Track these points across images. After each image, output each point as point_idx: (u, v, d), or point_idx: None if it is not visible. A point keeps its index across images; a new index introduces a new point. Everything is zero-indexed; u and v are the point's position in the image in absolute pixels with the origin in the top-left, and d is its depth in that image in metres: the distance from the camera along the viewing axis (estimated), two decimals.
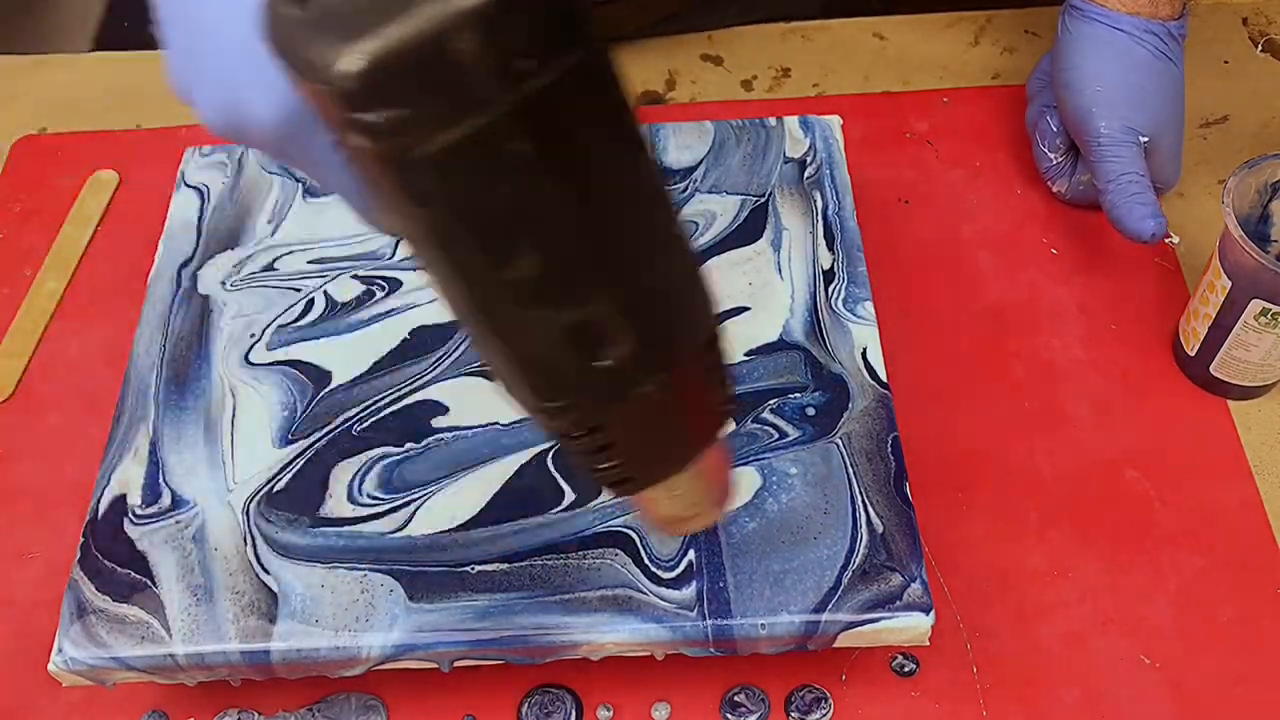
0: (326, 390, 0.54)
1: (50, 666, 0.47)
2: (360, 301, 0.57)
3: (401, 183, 0.26)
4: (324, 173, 0.34)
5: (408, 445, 0.52)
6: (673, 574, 0.47)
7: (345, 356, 0.55)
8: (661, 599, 0.47)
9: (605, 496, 0.49)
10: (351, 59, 0.24)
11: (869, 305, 0.56)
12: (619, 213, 0.29)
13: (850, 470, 0.50)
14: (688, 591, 0.47)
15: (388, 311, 0.56)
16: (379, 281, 0.57)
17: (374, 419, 0.53)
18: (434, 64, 0.24)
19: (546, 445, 0.51)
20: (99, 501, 0.50)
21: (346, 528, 0.49)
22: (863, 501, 0.49)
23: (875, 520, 0.49)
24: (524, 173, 0.26)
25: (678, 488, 0.38)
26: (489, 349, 0.31)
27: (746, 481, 0.50)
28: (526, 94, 0.25)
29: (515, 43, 0.25)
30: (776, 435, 0.51)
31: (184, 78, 0.35)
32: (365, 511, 0.50)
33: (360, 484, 0.51)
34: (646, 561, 0.48)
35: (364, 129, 0.25)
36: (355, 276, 0.58)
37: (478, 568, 0.48)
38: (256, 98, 0.32)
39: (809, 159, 0.61)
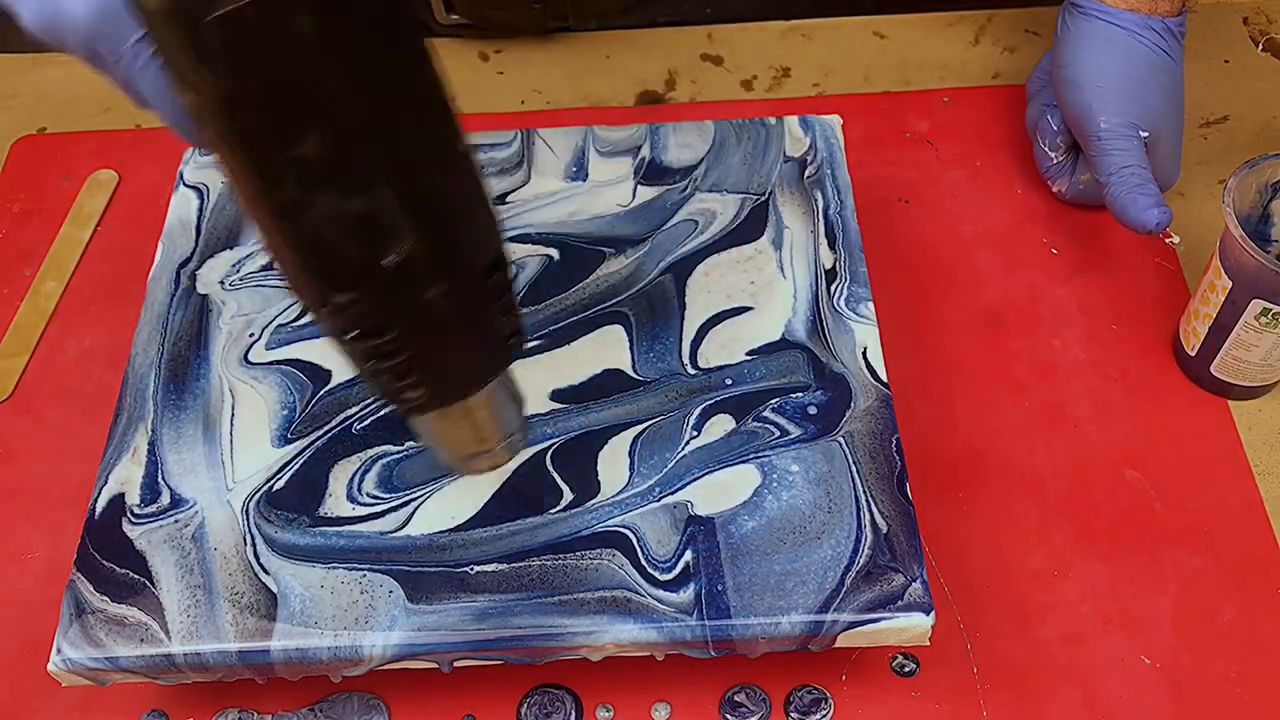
0: (326, 389, 0.54)
1: (49, 667, 0.47)
2: None
3: (192, 47, 0.28)
4: (135, 75, 0.37)
5: (407, 444, 0.52)
6: (670, 575, 0.47)
7: None
8: (660, 601, 0.47)
9: (602, 496, 0.49)
10: None
11: (870, 305, 0.55)
12: (398, 109, 0.31)
13: (853, 469, 0.50)
14: (685, 594, 0.47)
15: None
16: None
17: (373, 417, 0.53)
18: None
19: (545, 444, 0.51)
20: (97, 501, 0.50)
21: (346, 527, 0.49)
22: (867, 501, 0.49)
23: (879, 520, 0.49)
24: (308, 49, 0.29)
25: (466, 416, 0.40)
26: (277, 238, 0.33)
27: (746, 479, 0.50)
28: None
29: None
30: (778, 433, 0.51)
31: None
32: (364, 511, 0.50)
33: (359, 483, 0.51)
34: (644, 562, 0.48)
35: None
36: None
37: (476, 569, 0.48)
38: None
39: (809, 158, 0.61)
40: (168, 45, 0.29)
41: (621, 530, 0.49)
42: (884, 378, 0.53)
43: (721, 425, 0.52)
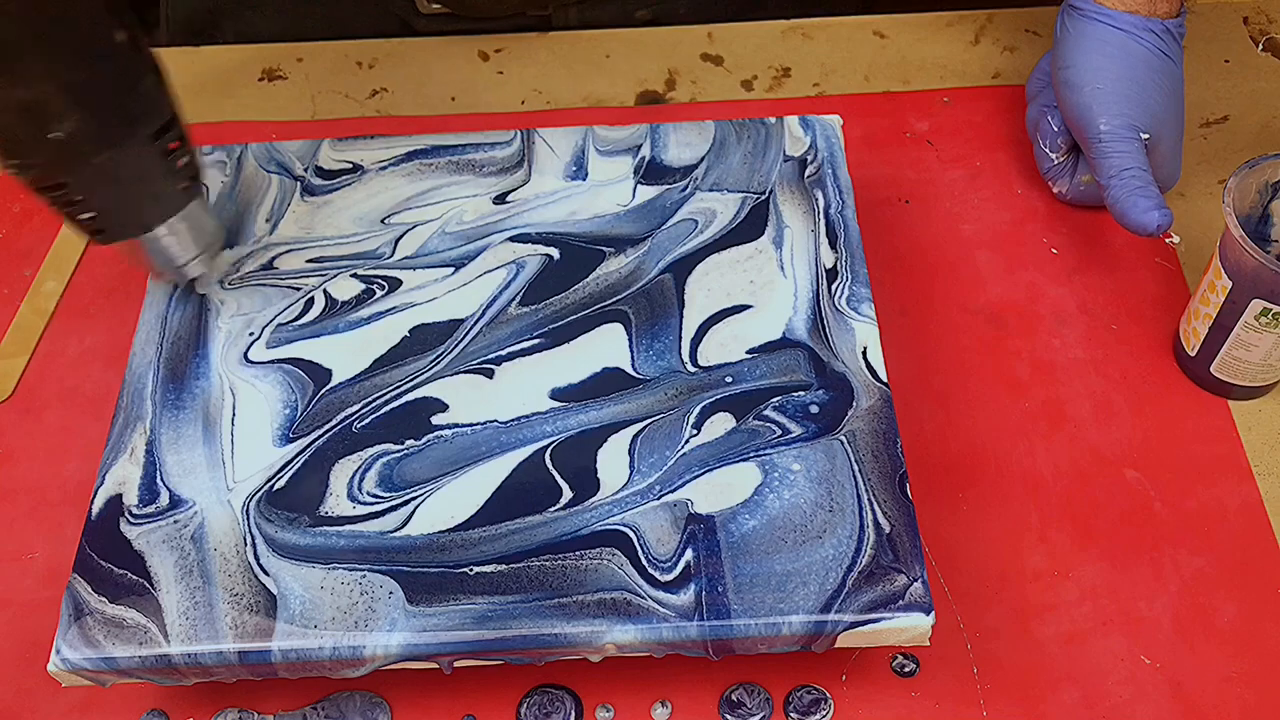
0: (326, 388, 0.54)
1: (49, 668, 0.47)
2: (360, 300, 0.57)
3: None
4: None
5: (407, 443, 0.52)
6: (670, 576, 0.47)
7: (345, 354, 0.55)
8: (660, 604, 0.47)
9: (602, 494, 0.49)
10: None
11: (871, 304, 0.55)
12: (53, 20, 0.41)
13: (855, 468, 0.50)
14: (686, 596, 0.47)
15: (387, 310, 0.56)
16: (378, 280, 0.57)
17: (374, 416, 0.53)
18: None
19: (545, 442, 0.51)
20: (94, 501, 0.50)
21: (346, 527, 0.49)
22: (869, 500, 0.49)
23: (882, 520, 0.48)
24: None
25: (149, 245, 0.52)
26: None
27: (747, 477, 0.50)
28: None
29: None
30: (779, 432, 0.51)
31: None
32: (365, 510, 0.50)
33: (360, 482, 0.50)
34: (644, 562, 0.48)
35: None
36: (354, 275, 0.58)
37: (476, 569, 0.48)
38: None
39: (810, 158, 0.61)
40: None
41: (621, 529, 0.49)
42: (884, 377, 0.53)
43: (722, 423, 0.52)
